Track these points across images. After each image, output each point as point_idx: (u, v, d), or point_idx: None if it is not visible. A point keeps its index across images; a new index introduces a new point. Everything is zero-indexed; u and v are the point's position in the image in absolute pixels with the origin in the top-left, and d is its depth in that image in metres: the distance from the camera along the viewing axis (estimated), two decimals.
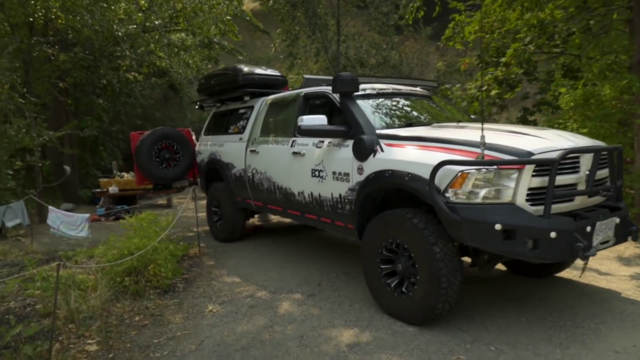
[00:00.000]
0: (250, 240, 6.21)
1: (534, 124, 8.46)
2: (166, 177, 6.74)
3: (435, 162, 2.99)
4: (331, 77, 5.51)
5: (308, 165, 4.31)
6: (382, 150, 3.54)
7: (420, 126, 4.00)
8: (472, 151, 3.03)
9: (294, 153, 4.52)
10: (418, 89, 4.96)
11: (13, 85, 7.34)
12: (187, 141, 6.87)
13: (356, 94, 4.13)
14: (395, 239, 3.35)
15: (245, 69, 5.77)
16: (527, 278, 4.26)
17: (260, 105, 5.51)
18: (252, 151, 5.31)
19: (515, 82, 7.45)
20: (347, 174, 3.83)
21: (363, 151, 3.62)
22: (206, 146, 6.54)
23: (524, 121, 8.43)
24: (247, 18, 11.46)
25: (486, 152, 2.91)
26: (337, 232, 4.25)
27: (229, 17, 10.93)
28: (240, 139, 5.63)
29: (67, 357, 3.05)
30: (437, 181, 3.01)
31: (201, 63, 12.60)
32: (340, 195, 3.94)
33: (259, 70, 5.81)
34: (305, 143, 4.41)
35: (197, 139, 7.15)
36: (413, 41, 16.08)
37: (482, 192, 2.92)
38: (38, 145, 7.99)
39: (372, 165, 3.57)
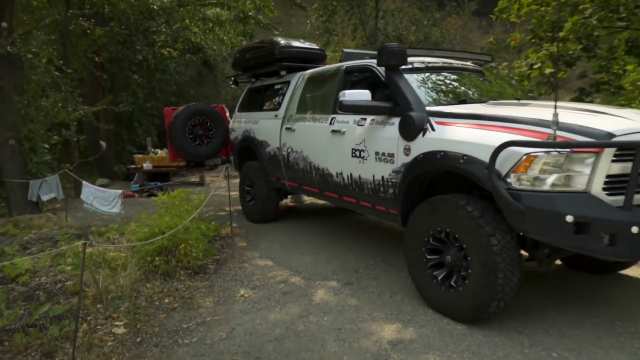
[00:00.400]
0: (284, 222, 6.00)
1: None
2: (199, 154, 6.58)
3: (497, 143, 2.64)
4: (372, 52, 5.17)
5: (348, 145, 4.01)
6: (432, 129, 3.19)
7: (475, 103, 3.61)
8: (539, 131, 2.66)
9: (333, 131, 4.22)
10: (469, 63, 4.54)
11: (50, 59, 7.29)
12: (220, 118, 6.67)
13: (403, 67, 3.76)
14: (445, 228, 3.02)
15: (282, 41, 5.46)
16: (587, 274, 3.86)
17: (298, 80, 5.22)
18: (287, 129, 5.04)
19: (572, 60, 6.84)
20: (391, 155, 3.51)
21: (411, 130, 3.28)
22: (240, 123, 6.32)
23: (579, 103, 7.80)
24: None
25: (558, 132, 2.52)
26: (378, 217, 3.95)
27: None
28: (276, 115, 5.37)
29: (94, 340, 2.92)
30: (497, 165, 2.66)
31: (235, 39, 12.35)
32: (383, 177, 3.63)
33: (296, 43, 5.49)
34: (346, 120, 4.10)
35: (231, 116, 6.94)
36: (456, 17, 15.31)
37: (551, 179, 2.55)
38: (74, 119, 7.98)
39: (421, 145, 3.23)
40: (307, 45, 5.59)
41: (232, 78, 6.77)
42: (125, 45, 10.42)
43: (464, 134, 2.96)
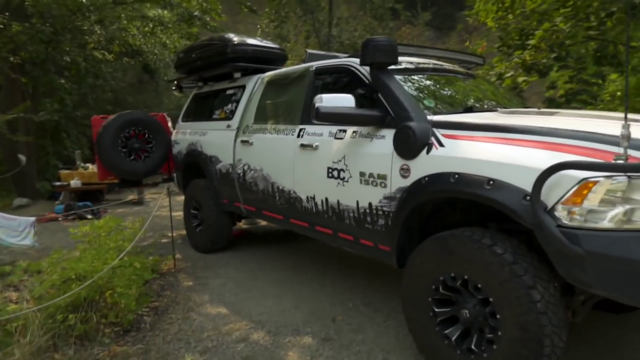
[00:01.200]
0: (237, 251, 5.09)
1: None
2: (135, 171, 5.54)
3: (539, 163, 1.96)
4: (340, 54, 4.42)
5: (323, 163, 3.22)
6: (440, 145, 2.47)
7: (484, 112, 2.95)
8: (597, 149, 2.00)
9: (303, 145, 3.42)
10: (456, 66, 3.91)
11: None
12: (161, 128, 5.67)
13: (392, 68, 3.04)
14: (462, 274, 2.30)
15: (236, 38, 4.61)
16: (604, 313, 3.27)
17: (255, 84, 4.38)
18: (243, 142, 4.18)
19: (546, 69, 6.48)
20: (382, 177, 2.75)
21: (411, 145, 2.55)
22: (185, 135, 5.37)
23: None
24: None
25: (631, 152, 1.86)
26: (362, 252, 3.17)
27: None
28: (228, 126, 4.49)
29: None
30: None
31: (179, 43, 11.27)
32: (370, 204, 2.86)
33: (252, 41, 4.66)
34: (319, 132, 3.32)
35: (174, 127, 5.96)
36: (410, 27, 15.05)
37: (614, 212, 1.88)
38: None
39: (426, 165, 2.50)
40: (265, 43, 4.78)
41: (176, 82, 5.81)
42: (50, 45, 9.09)
43: (486, 151, 2.26)
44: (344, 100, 2.83)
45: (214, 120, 4.85)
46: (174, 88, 6.16)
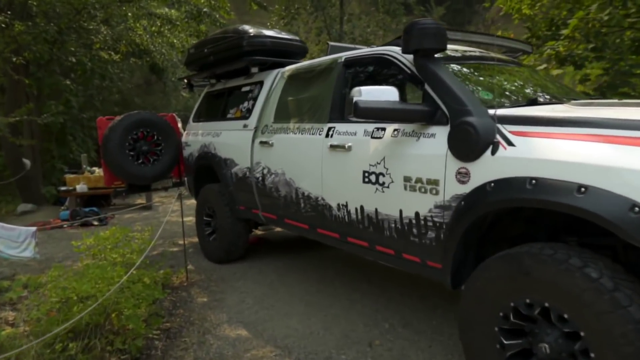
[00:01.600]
0: (254, 261, 4.70)
1: None
2: (143, 175, 5.16)
3: None
4: (361, 46, 4.01)
5: (357, 166, 2.82)
6: (509, 144, 2.05)
7: (551, 104, 2.53)
8: None
9: (333, 146, 3.01)
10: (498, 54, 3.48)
11: None
12: (170, 129, 5.30)
13: (439, 56, 2.63)
14: (541, 300, 1.88)
15: (252, 30, 4.22)
16: None
17: (275, 79, 3.98)
18: (262, 143, 3.79)
19: (581, 60, 6.01)
20: (433, 182, 2.34)
21: (472, 145, 2.13)
22: (196, 136, 5.00)
23: None
24: None
25: None
26: (405, 269, 2.76)
27: None
28: (245, 126, 4.10)
29: None
30: None
31: (187, 42, 10.93)
32: (417, 214, 2.45)
33: (270, 33, 4.27)
34: (352, 131, 2.91)
35: (185, 128, 5.58)
36: None
37: None
38: None
39: (491, 168, 2.08)
40: (284, 35, 4.38)
41: (186, 80, 5.43)
42: (54, 45, 8.78)
43: (572, 151, 1.84)
44: (387, 94, 2.42)
45: (229, 120, 4.46)
46: (184, 87, 5.80)
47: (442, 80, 2.42)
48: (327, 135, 3.11)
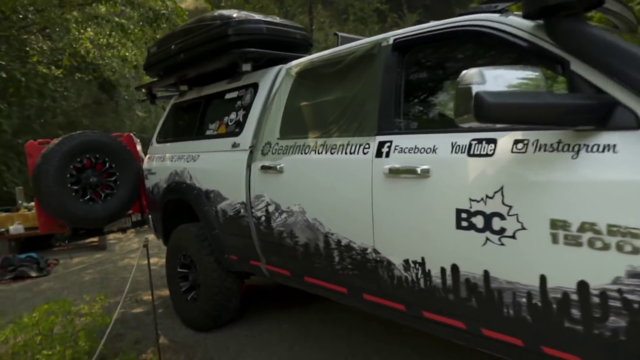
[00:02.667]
0: (251, 322, 3.50)
1: None
2: (93, 216, 3.87)
3: None
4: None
5: (445, 201, 1.75)
6: None
7: None
8: None
9: (394, 171, 1.94)
10: None
11: None
12: (127, 154, 4.06)
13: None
14: None
15: (238, 14, 3.11)
16: None
17: (276, 79, 2.88)
18: (265, 168, 2.66)
19: None
20: (624, 232, 1.31)
21: None
22: (163, 161, 3.80)
23: None
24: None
25: None
26: None
27: None
28: (235, 145, 2.96)
29: None
30: None
31: (141, 56, 9.61)
32: (584, 286, 1.40)
33: (264, 18, 3.16)
34: (426, 147, 1.85)
35: (146, 151, 4.35)
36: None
37: None
38: None
39: None
40: (283, 21, 3.28)
41: (145, 90, 4.21)
42: None
43: None
44: (522, 78, 1.38)
45: (210, 139, 3.31)
46: (142, 99, 4.59)
47: (624, 51, 1.40)
48: (378, 154, 2.04)
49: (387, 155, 2.00)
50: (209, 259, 3.25)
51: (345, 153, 2.20)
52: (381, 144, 2.04)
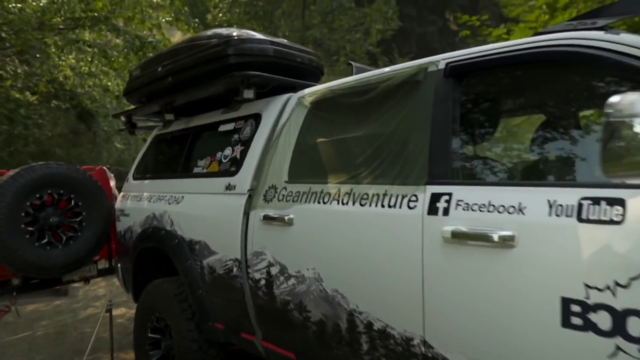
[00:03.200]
0: None
1: None
2: (50, 263, 3.21)
3: None
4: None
5: (537, 285, 1.23)
6: None
7: None
8: None
9: (456, 236, 1.41)
10: None
11: None
12: (97, 190, 3.45)
13: None
14: None
15: (239, 33, 2.63)
16: None
17: (284, 109, 2.38)
18: (269, 219, 2.11)
19: None
20: None
21: None
22: (139, 201, 3.21)
23: None
24: (192, 24, 8.14)
25: None
26: None
27: (169, 19, 7.68)
28: (230, 187, 2.41)
29: None
30: None
31: (124, 84, 9.11)
32: None
33: (270, 38, 2.68)
34: (508, 205, 1.33)
35: (121, 189, 3.74)
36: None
37: None
38: None
39: None
40: (292, 44, 2.81)
41: (124, 118, 3.65)
42: None
43: None
44: None
45: (198, 177, 2.75)
46: (121, 128, 4.02)
47: None
48: (432, 211, 1.52)
49: (446, 212, 1.48)
50: (188, 325, 2.62)
51: (382, 206, 1.67)
52: (435, 197, 1.53)
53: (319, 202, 1.92)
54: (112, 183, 3.98)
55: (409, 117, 1.74)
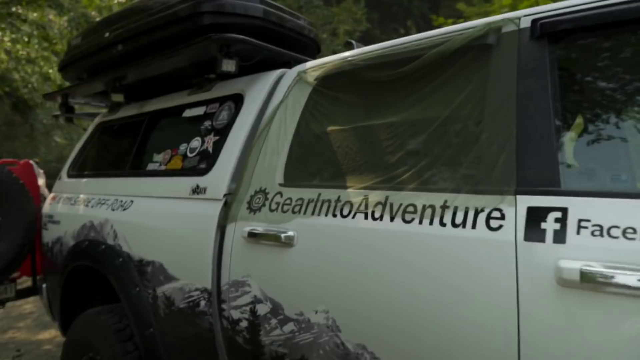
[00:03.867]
0: None
1: None
2: None
3: None
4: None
5: None
6: None
7: None
8: None
9: (587, 279, 0.87)
10: None
11: None
12: (18, 190, 2.69)
13: None
14: None
15: None
16: None
17: (276, 88, 1.78)
18: (255, 236, 1.50)
19: None
20: None
21: None
22: (73, 205, 2.49)
23: None
24: None
25: None
26: None
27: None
28: (197, 189, 1.78)
29: None
30: None
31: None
32: None
33: None
34: None
35: (52, 189, 2.98)
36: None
37: None
38: None
39: None
40: (286, 8, 2.21)
41: (60, 99, 2.90)
42: None
43: None
44: None
45: (153, 176, 2.09)
46: (57, 115, 3.26)
47: None
48: (530, 236, 0.97)
49: (560, 238, 0.94)
50: None
51: (441, 224, 1.11)
52: (536, 214, 0.99)
53: (334, 215, 1.33)
54: (41, 181, 3.21)
55: (476, 96, 1.20)
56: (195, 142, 1.97)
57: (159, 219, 1.90)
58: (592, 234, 0.91)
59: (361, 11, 11.96)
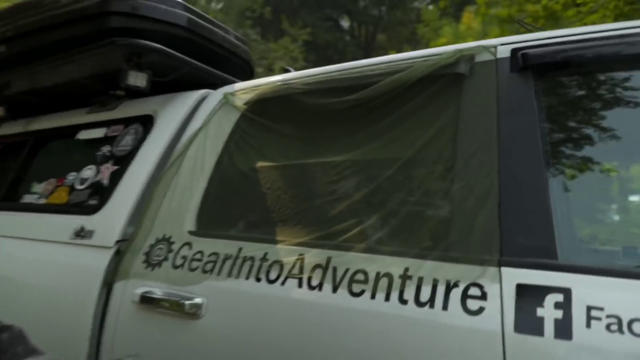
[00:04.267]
0: None
1: None
2: None
3: None
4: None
5: None
6: None
7: None
8: None
9: None
10: None
11: None
12: None
13: None
14: None
15: None
16: None
17: (196, 112, 1.45)
18: (151, 302, 1.12)
19: None
20: None
21: None
22: None
23: None
24: None
25: None
26: None
27: None
28: (81, 232, 1.37)
29: None
30: None
31: None
32: None
33: (181, 1, 1.74)
34: None
35: None
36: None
37: None
38: None
39: None
40: (217, 22, 1.89)
41: None
42: None
43: None
44: None
45: (27, 211, 1.64)
46: None
47: None
48: (520, 326, 0.71)
49: (563, 331, 0.69)
50: None
51: (400, 300, 0.83)
52: (528, 294, 0.74)
53: (257, 279, 1.01)
54: None
55: (446, 135, 0.96)
56: (88, 172, 1.57)
57: (27, 269, 1.45)
58: (608, 328, 0.67)
59: (298, 49, 12.00)
